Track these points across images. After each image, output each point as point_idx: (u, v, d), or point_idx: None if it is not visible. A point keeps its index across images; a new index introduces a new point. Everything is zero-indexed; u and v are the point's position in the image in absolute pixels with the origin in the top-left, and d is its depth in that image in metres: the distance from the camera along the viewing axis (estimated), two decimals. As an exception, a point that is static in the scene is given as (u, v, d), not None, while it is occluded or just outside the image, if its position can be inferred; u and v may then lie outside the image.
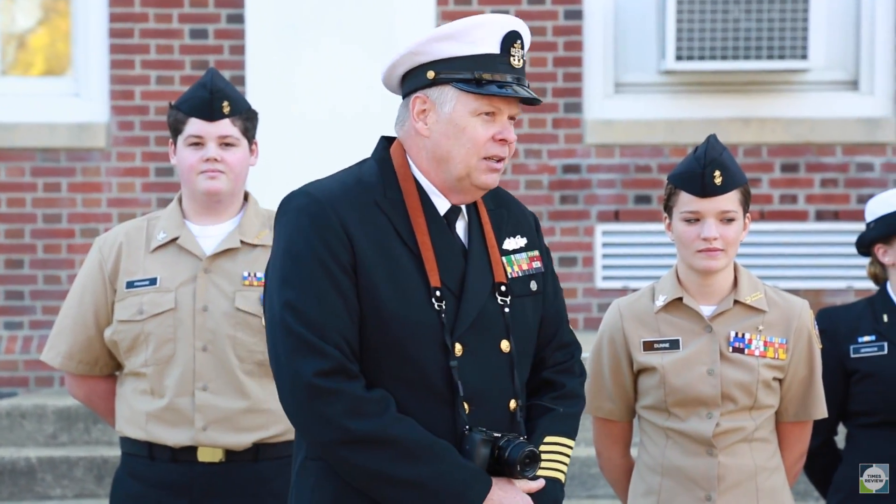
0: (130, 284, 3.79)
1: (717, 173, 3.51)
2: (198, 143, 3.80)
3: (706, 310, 3.61)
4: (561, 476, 2.96)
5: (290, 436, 3.80)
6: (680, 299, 3.61)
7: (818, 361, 3.67)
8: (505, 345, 2.91)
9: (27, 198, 7.39)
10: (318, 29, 7.47)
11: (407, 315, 2.83)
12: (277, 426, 3.78)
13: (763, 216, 7.48)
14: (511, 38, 2.87)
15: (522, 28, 2.91)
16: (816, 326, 3.70)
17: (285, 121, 7.33)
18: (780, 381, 3.63)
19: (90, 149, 7.39)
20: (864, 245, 4.29)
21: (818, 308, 4.21)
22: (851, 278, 7.71)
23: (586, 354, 3.45)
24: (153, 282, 3.79)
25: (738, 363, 3.57)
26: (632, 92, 7.69)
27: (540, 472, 2.90)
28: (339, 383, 2.78)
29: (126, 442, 3.84)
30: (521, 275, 2.98)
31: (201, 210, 3.85)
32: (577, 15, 7.65)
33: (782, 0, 7.38)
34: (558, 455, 2.97)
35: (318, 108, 7.49)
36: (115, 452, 5.83)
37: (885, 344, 4.12)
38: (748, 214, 3.61)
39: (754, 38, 7.31)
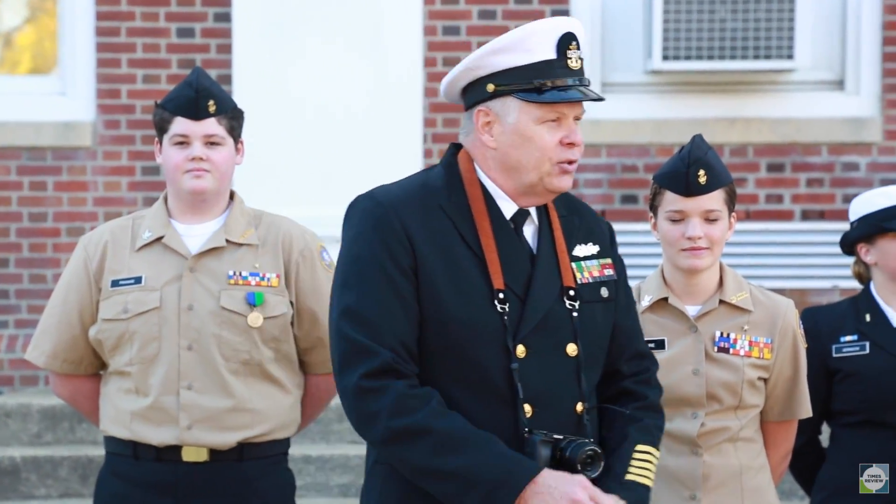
0: (115, 283, 3.78)
1: (702, 172, 3.51)
2: (183, 142, 3.80)
3: (691, 310, 3.62)
4: (649, 483, 2.97)
5: (276, 435, 3.80)
6: (665, 299, 3.62)
7: (803, 361, 3.67)
8: (571, 348, 2.91)
9: (13, 196, 7.37)
10: (305, 28, 7.46)
11: (468, 317, 2.84)
12: (262, 426, 3.77)
13: (749, 216, 7.49)
14: (566, 41, 2.87)
15: (576, 27, 2.91)
16: (801, 326, 3.71)
17: (272, 120, 7.33)
18: (766, 380, 3.64)
19: (76, 147, 7.38)
20: (848, 244, 4.30)
21: (803, 307, 4.22)
22: (837, 278, 7.72)
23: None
24: (138, 280, 3.78)
25: (723, 363, 3.57)
26: (618, 92, 7.69)
27: (631, 477, 2.92)
28: (384, 382, 2.80)
29: (110, 441, 3.84)
30: (591, 281, 2.97)
31: (187, 209, 3.84)
32: (564, 14, 7.64)
33: (768, 0, 7.39)
34: (647, 463, 2.98)
35: (304, 107, 7.49)
36: (100, 452, 5.82)
37: (867, 343, 4.13)
38: (733, 214, 3.61)
39: (740, 38, 7.32)
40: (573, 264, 2.95)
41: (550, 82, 2.85)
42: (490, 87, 2.87)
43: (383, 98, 7.55)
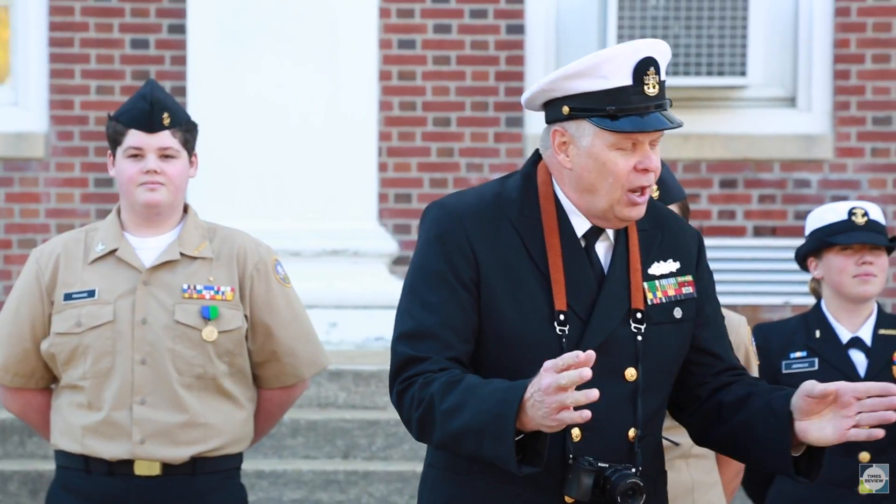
0: (68, 296, 3.76)
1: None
2: (137, 154, 3.78)
3: None
4: None
5: (229, 450, 3.79)
6: None
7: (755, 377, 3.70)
8: (631, 372, 2.85)
9: (-36, 208, 7.32)
10: (260, 41, 7.45)
11: (526, 336, 2.80)
12: (215, 440, 3.76)
13: (702, 231, 7.54)
14: (644, 66, 2.82)
15: (657, 51, 2.85)
16: (754, 343, 3.74)
17: (227, 132, 7.31)
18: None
19: (28, 158, 7.33)
20: (800, 259, 4.33)
21: (755, 324, 4.25)
22: (789, 294, 7.78)
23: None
24: (91, 294, 3.76)
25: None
26: (573, 107, 7.71)
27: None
28: (417, 368, 2.77)
29: (61, 455, 3.81)
30: (664, 301, 2.91)
31: (140, 222, 3.83)
32: (519, 29, 7.68)
33: (721, 17, 7.45)
34: None
35: (259, 120, 7.47)
36: (50, 466, 5.76)
37: (816, 360, 4.16)
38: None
39: (694, 54, 7.38)
40: (646, 283, 2.90)
41: (625, 109, 2.81)
42: (565, 110, 2.84)
43: (338, 111, 7.55)
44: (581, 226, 2.88)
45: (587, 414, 2.59)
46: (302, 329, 3.88)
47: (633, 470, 2.79)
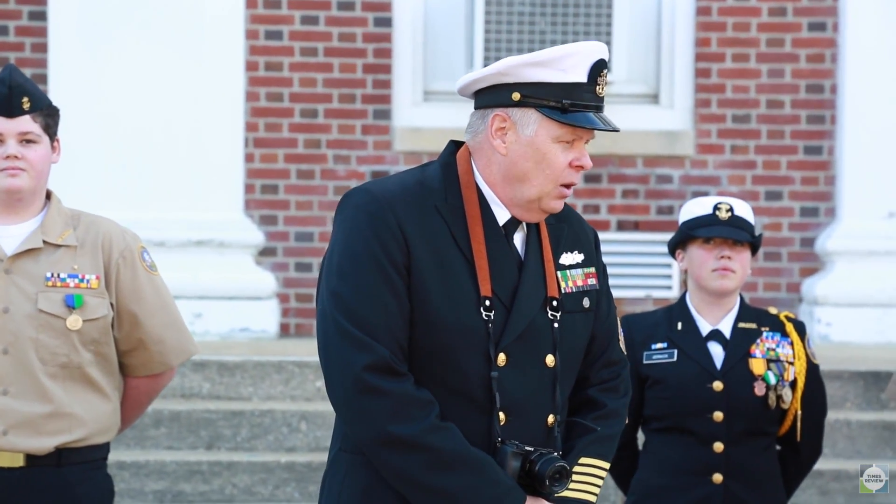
0: (-73, 285, 3.68)
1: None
2: (-3, 139, 3.71)
3: None
4: (592, 498, 2.96)
5: (95, 440, 3.74)
6: None
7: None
8: (550, 359, 2.90)
9: None
10: (123, 29, 7.36)
11: (455, 321, 2.82)
12: (81, 430, 3.71)
13: (566, 225, 7.62)
14: (599, 68, 2.88)
15: (606, 56, 2.93)
16: (622, 333, 3.79)
17: (90, 119, 7.21)
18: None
19: None
20: (670, 250, 4.40)
21: (621, 316, 4.31)
22: (650, 287, 7.91)
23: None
24: (-49, 282, 3.68)
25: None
26: (441, 100, 7.76)
27: (570, 494, 2.90)
28: (387, 382, 2.77)
29: (-80, 447, 3.73)
30: (574, 290, 2.97)
31: (2, 209, 3.76)
32: (387, 22, 7.69)
33: (587, 14, 7.54)
34: (591, 477, 2.96)
35: (122, 108, 7.38)
36: None
37: (676, 351, 4.22)
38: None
39: (560, 50, 7.46)
40: (558, 273, 2.95)
41: (576, 104, 2.86)
42: (516, 96, 2.86)
43: (204, 101, 7.48)
44: (502, 216, 2.92)
45: None
46: (170, 317, 3.84)
47: (556, 454, 2.86)
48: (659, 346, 4.23)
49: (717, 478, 4.13)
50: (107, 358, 3.78)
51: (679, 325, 4.25)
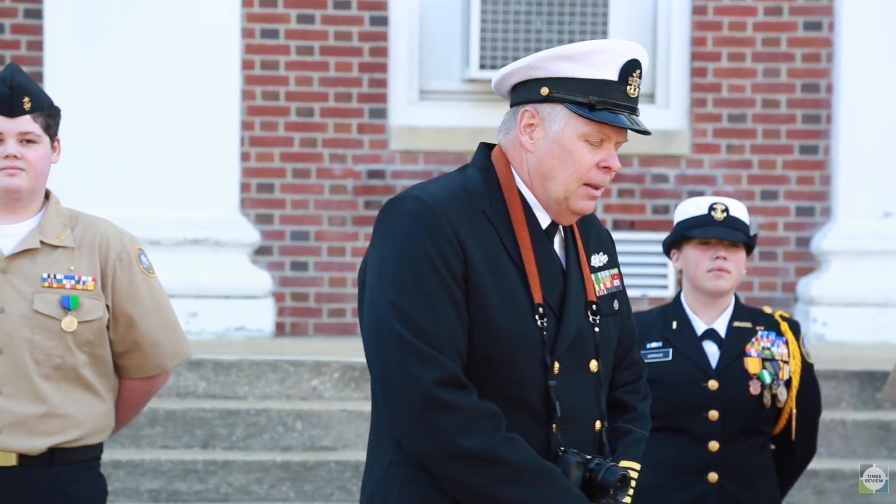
0: (-77, 284, 3.68)
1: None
2: (-3, 139, 3.72)
3: None
4: (629, 500, 2.94)
5: (89, 440, 3.74)
6: None
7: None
8: (594, 364, 2.87)
9: None
10: (119, 27, 7.36)
11: (512, 329, 2.77)
12: (75, 431, 3.71)
13: (562, 224, 7.63)
14: (631, 67, 2.82)
15: (642, 56, 2.86)
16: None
17: (85, 118, 7.20)
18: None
19: None
20: (665, 250, 4.41)
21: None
22: (646, 287, 7.92)
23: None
24: (-53, 282, 3.69)
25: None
26: (436, 99, 7.77)
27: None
28: (455, 396, 2.71)
29: (-85, 446, 3.73)
30: (606, 293, 2.94)
31: (0, 208, 3.76)
32: (383, 21, 7.69)
33: (583, 13, 7.55)
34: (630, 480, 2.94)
35: (118, 105, 7.38)
36: None
37: (671, 350, 4.23)
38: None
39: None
40: (592, 276, 2.92)
41: (605, 102, 2.80)
42: (544, 91, 2.81)
43: (200, 99, 7.49)
44: (544, 220, 2.88)
45: None
46: (166, 319, 3.84)
47: (611, 461, 2.83)
48: (654, 345, 4.24)
49: (713, 477, 4.14)
50: (101, 359, 3.78)
51: (674, 325, 4.26)
